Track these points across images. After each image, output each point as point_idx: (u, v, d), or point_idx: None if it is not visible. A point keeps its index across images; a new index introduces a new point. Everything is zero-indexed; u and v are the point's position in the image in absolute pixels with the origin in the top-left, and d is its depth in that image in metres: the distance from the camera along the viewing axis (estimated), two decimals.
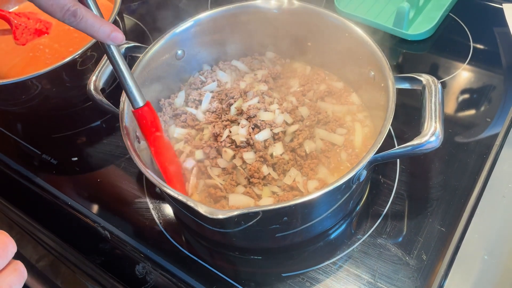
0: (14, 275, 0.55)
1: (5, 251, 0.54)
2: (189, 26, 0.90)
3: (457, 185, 0.85)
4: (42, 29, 1.08)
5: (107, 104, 0.80)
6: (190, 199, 0.63)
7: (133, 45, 0.87)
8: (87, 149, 1.02)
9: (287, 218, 0.68)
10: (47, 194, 0.93)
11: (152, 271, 0.81)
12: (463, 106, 0.99)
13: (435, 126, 0.66)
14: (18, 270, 0.55)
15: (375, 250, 0.79)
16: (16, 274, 0.55)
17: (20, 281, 0.55)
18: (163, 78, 0.91)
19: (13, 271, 0.55)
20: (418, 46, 1.11)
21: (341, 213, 0.80)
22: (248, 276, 0.79)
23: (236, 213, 0.61)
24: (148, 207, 0.89)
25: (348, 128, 0.86)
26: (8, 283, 0.53)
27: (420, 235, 0.79)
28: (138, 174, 0.94)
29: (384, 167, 0.89)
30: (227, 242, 0.82)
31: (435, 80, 0.72)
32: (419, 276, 0.75)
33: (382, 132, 0.67)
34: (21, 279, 0.55)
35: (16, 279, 0.55)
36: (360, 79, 0.87)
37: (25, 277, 0.56)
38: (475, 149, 0.90)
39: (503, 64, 1.06)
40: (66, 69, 0.92)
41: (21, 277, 0.56)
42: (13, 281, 0.54)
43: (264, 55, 1.00)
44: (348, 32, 0.84)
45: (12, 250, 0.55)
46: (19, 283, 0.55)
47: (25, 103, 0.97)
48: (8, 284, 0.53)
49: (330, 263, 0.79)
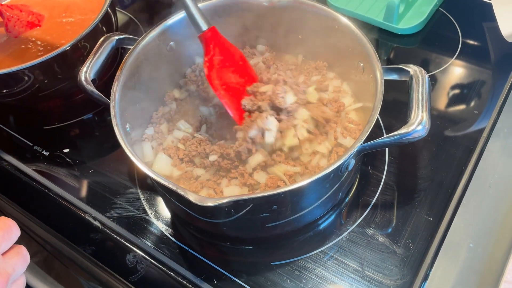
0: (17, 258, 0.55)
1: (9, 234, 0.55)
2: (181, 18, 0.90)
3: (444, 176, 0.86)
4: (34, 21, 1.08)
5: (98, 95, 0.80)
6: (180, 187, 0.64)
7: (125, 37, 0.88)
8: (78, 141, 1.02)
9: (277, 206, 0.69)
10: (38, 185, 0.94)
11: (142, 260, 0.81)
12: (452, 99, 1.00)
13: (422, 115, 0.68)
14: (21, 253, 0.56)
15: (364, 240, 0.80)
16: (20, 257, 0.56)
17: (23, 265, 0.56)
18: (155, 69, 0.91)
19: (16, 254, 0.56)
20: (408, 40, 1.12)
21: (330, 203, 0.81)
22: (238, 266, 0.80)
23: (225, 201, 0.61)
24: (139, 198, 0.89)
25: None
26: (12, 265, 0.54)
27: (408, 225, 0.81)
28: (129, 165, 0.95)
29: (373, 159, 0.90)
30: (217, 232, 0.83)
31: (423, 71, 0.73)
32: (406, 264, 0.76)
33: (370, 121, 0.68)
34: (24, 262, 0.56)
35: (20, 262, 0.55)
36: (350, 71, 0.88)
37: (28, 261, 0.57)
38: (463, 141, 0.91)
39: (491, 59, 1.07)
40: (58, 60, 0.92)
41: (24, 261, 0.56)
42: (16, 263, 0.55)
43: (255, 48, 1.01)
44: (338, 24, 0.85)
45: (16, 233, 0.56)
46: (22, 266, 0.56)
47: (17, 95, 0.98)
48: (11, 266, 0.54)
49: (319, 252, 0.80)
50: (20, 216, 0.92)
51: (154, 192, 0.90)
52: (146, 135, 0.88)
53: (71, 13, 1.09)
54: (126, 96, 0.80)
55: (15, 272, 0.54)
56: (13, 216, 0.93)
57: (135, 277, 0.80)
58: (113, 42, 0.85)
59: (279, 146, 0.80)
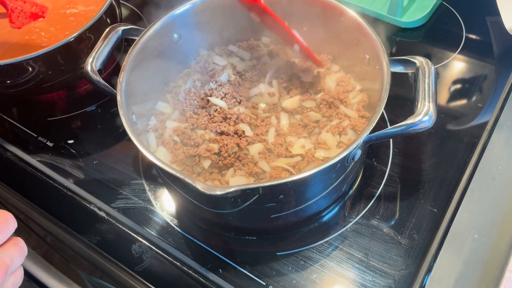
0: (15, 248, 0.56)
1: (6, 225, 0.55)
2: (186, 9, 0.90)
3: (448, 168, 0.87)
4: (38, 12, 1.08)
5: (104, 85, 0.80)
6: (188, 176, 0.64)
7: (130, 28, 0.88)
8: (82, 132, 1.02)
9: (283, 196, 0.70)
10: (43, 176, 0.94)
11: (148, 250, 0.81)
12: (455, 93, 1.00)
13: (428, 106, 0.68)
14: (18, 245, 0.57)
15: (368, 230, 0.80)
16: (17, 248, 0.56)
17: (21, 256, 0.56)
18: (160, 61, 0.91)
19: (13, 245, 0.56)
20: (411, 34, 1.13)
21: (335, 194, 0.81)
22: (243, 255, 0.80)
23: (233, 189, 0.61)
24: (144, 189, 0.89)
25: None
26: (10, 256, 0.54)
27: (412, 216, 0.81)
28: (134, 156, 0.95)
29: (377, 150, 0.90)
30: (223, 223, 0.84)
31: (429, 62, 0.73)
32: (410, 254, 0.77)
33: (377, 112, 0.68)
34: (22, 253, 0.57)
35: (17, 253, 0.56)
36: (355, 63, 0.88)
37: (25, 252, 0.57)
38: (467, 134, 0.92)
39: (494, 53, 1.07)
40: (62, 51, 0.92)
41: (22, 252, 0.57)
42: (14, 254, 0.55)
43: (260, 40, 1.01)
44: (343, 16, 0.85)
45: (13, 225, 0.56)
46: (20, 258, 0.56)
47: (21, 85, 0.97)
48: (9, 257, 0.54)
49: (324, 243, 0.80)
50: (25, 207, 0.92)
51: (159, 183, 0.90)
52: (150, 126, 0.88)
53: (74, 5, 1.08)
54: (132, 86, 0.80)
55: (13, 263, 0.54)
56: (18, 207, 0.93)
57: (140, 267, 0.80)
58: (119, 32, 0.85)
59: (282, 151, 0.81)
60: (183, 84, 0.94)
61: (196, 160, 0.80)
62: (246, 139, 0.81)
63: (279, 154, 0.79)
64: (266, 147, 0.81)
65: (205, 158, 0.80)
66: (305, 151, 0.79)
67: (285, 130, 0.84)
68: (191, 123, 0.86)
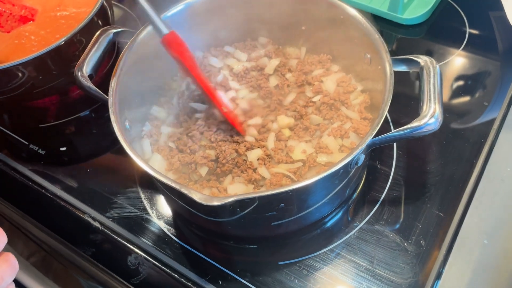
0: (5, 265, 0.54)
1: None
2: (180, 10, 0.87)
3: (455, 170, 0.84)
4: (28, 15, 1.04)
5: (96, 91, 0.77)
6: (184, 186, 0.61)
7: (122, 30, 0.85)
8: (75, 139, 0.99)
9: (284, 204, 0.67)
10: (35, 185, 0.90)
11: (144, 262, 0.79)
12: (460, 91, 0.97)
13: (434, 107, 0.65)
14: (9, 261, 0.54)
15: (373, 237, 0.77)
16: (8, 265, 0.54)
17: (11, 273, 0.54)
18: (153, 64, 0.88)
19: (4, 262, 0.54)
20: (413, 30, 1.10)
21: (338, 200, 0.78)
22: (244, 265, 0.77)
23: (231, 200, 0.58)
24: (139, 197, 0.86)
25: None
26: (0, 273, 0.52)
27: (418, 221, 0.78)
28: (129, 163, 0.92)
29: (381, 153, 0.87)
30: (221, 231, 0.81)
31: (434, 62, 0.70)
32: (418, 262, 0.74)
33: (380, 115, 0.65)
34: (12, 270, 0.54)
35: (8, 270, 0.53)
36: (355, 63, 0.85)
37: (16, 268, 0.55)
38: (473, 133, 0.88)
39: (499, 49, 1.04)
40: (53, 55, 0.89)
41: (13, 269, 0.54)
42: (5, 272, 0.53)
43: (257, 40, 0.98)
44: (343, 14, 0.82)
45: (3, 240, 0.54)
46: (10, 275, 0.54)
47: (10, 92, 0.94)
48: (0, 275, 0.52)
49: (327, 251, 0.77)
50: (17, 217, 0.90)
51: (155, 191, 0.87)
52: (144, 132, 0.85)
53: (65, 7, 1.05)
54: (125, 91, 0.77)
55: (4, 281, 0.52)
56: (10, 217, 0.91)
57: (137, 279, 0.77)
58: (110, 35, 0.82)
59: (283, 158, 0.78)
60: (177, 87, 0.91)
61: (192, 168, 0.77)
62: (244, 145, 0.78)
63: (279, 160, 0.76)
64: (265, 152, 0.78)
65: (201, 165, 0.77)
66: (307, 156, 0.76)
67: (286, 135, 0.81)
68: (185, 127, 0.83)
